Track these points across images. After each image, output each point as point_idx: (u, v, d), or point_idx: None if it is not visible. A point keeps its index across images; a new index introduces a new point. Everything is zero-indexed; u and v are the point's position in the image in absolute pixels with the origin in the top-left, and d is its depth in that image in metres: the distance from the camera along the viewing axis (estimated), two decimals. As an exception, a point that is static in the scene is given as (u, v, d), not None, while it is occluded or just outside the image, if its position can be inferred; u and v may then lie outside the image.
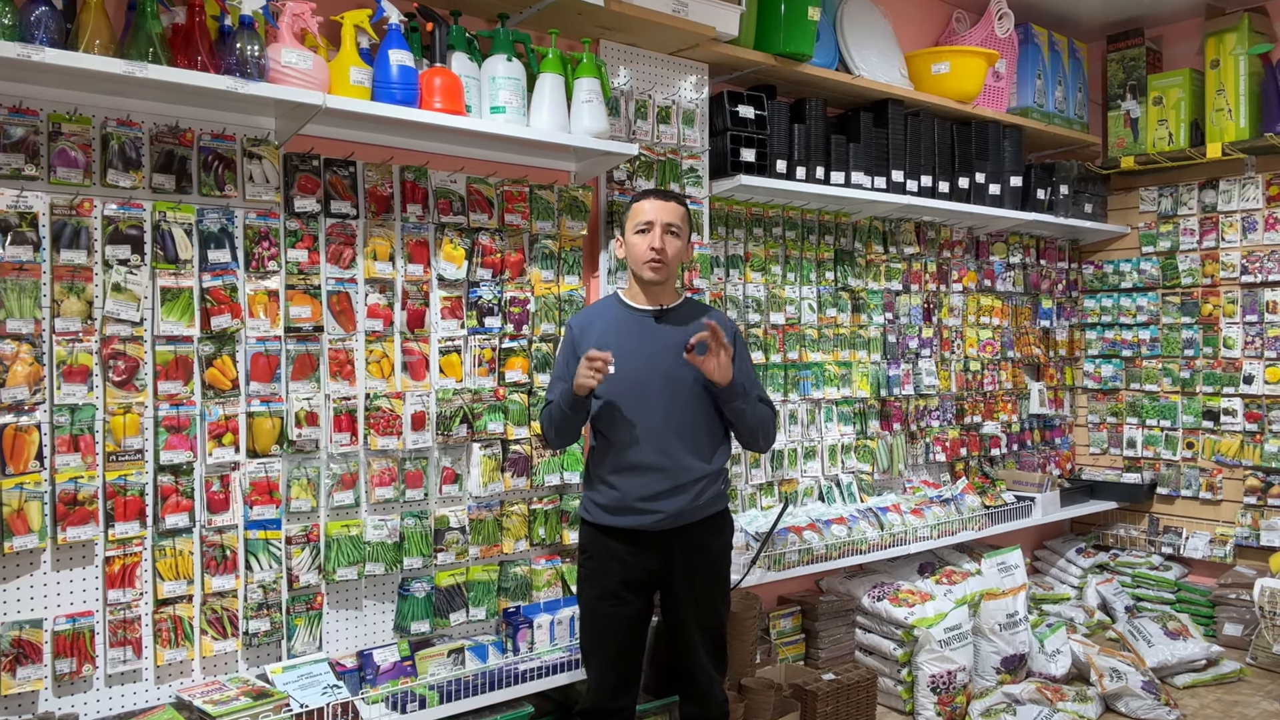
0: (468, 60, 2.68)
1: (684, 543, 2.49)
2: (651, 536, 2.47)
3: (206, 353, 2.41)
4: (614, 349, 2.40)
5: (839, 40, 3.77)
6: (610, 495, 2.48)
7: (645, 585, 2.52)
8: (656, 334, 2.50)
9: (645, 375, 2.46)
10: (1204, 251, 4.62)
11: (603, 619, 2.51)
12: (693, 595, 2.53)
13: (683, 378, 2.46)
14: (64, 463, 2.20)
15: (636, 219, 2.49)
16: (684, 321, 2.55)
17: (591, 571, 2.53)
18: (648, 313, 2.53)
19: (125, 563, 2.29)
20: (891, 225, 4.15)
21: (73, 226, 2.21)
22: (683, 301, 2.61)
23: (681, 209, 2.52)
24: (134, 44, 2.12)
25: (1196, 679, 3.90)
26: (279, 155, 2.53)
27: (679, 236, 2.50)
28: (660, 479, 2.44)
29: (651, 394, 2.45)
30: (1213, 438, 4.58)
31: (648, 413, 2.45)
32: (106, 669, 2.29)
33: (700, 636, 2.55)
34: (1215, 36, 4.41)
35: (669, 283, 2.54)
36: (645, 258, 2.47)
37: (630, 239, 2.51)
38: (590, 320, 2.57)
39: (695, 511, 2.48)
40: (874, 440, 4.05)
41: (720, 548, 2.59)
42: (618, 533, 2.48)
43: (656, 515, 2.44)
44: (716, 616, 2.58)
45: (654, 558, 2.48)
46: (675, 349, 2.46)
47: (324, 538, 2.60)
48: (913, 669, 3.54)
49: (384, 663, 2.63)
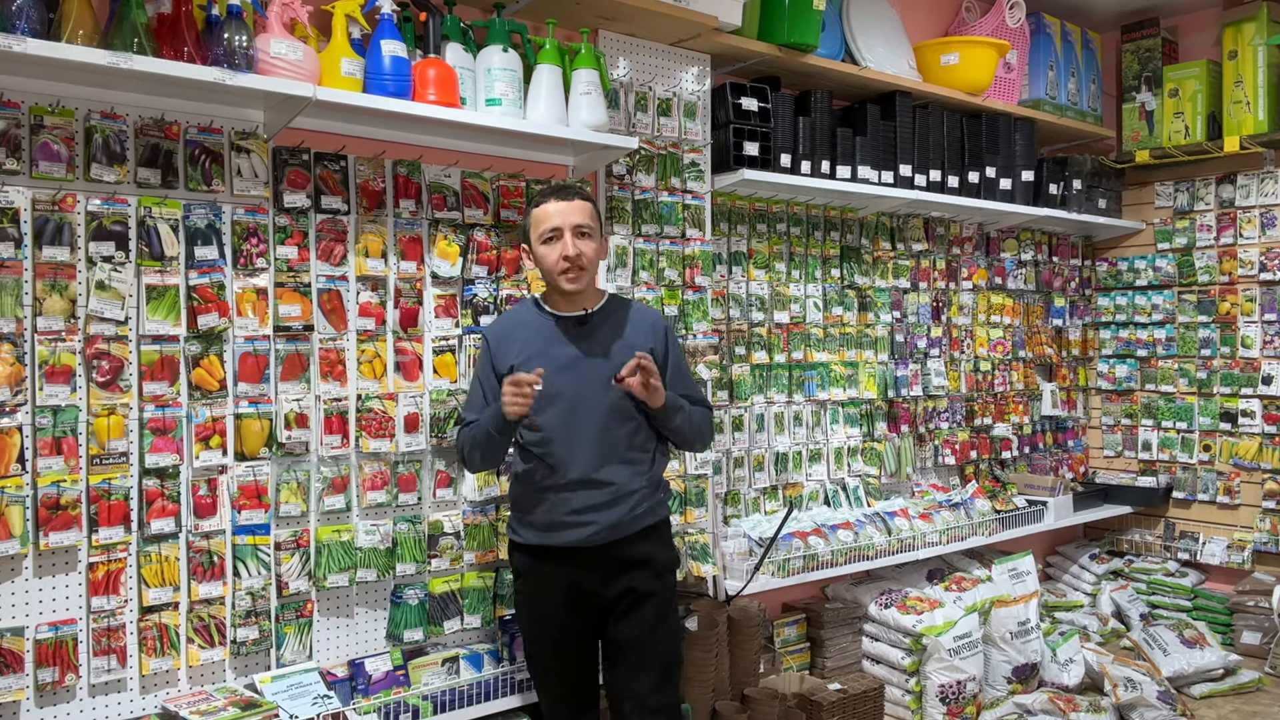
0: (462, 51, 2.68)
1: (623, 558, 2.39)
2: (586, 552, 2.37)
3: (193, 352, 2.41)
4: (537, 361, 2.33)
5: (845, 30, 3.77)
6: (538, 512, 2.40)
7: (584, 606, 2.42)
8: (582, 342, 2.41)
9: (574, 387, 2.37)
10: (1221, 248, 4.62)
11: (545, 649, 2.45)
12: (633, 616, 2.40)
13: (613, 387, 2.36)
14: (46, 466, 2.20)
15: (540, 226, 2.37)
16: (611, 323, 2.46)
17: (526, 598, 2.46)
18: (570, 319, 2.44)
19: (109, 569, 2.29)
20: (899, 221, 4.15)
21: (55, 222, 2.21)
22: (606, 300, 2.51)
23: (588, 205, 2.40)
24: (118, 34, 2.12)
25: (1214, 689, 3.89)
26: (268, 149, 2.53)
27: (591, 236, 2.38)
28: (593, 494, 2.36)
29: (582, 406, 2.36)
30: (1230, 440, 4.58)
31: (578, 426, 2.36)
32: (90, 679, 2.28)
33: (642, 663, 2.41)
34: (1233, 27, 4.41)
35: (590, 286, 2.44)
36: (560, 269, 2.35)
37: (538, 250, 2.39)
38: (507, 330, 2.48)
39: (632, 523, 2.39)
40: (881, 443, 4.05)
41: (663, 562, 2.47)
42: (550, 552, 2.39)
43: (591, 528, 2.35)
44: (662, 638, 2.44)
45: (590, 576, 2.38)
46: (604, 355, 2.40)
47: (314, 543, 2.60)
48: (921, 678, 3.54)
49: (376, 672, 2.63)
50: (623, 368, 2.31)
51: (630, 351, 2.39)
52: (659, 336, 2.52)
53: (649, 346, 2.46)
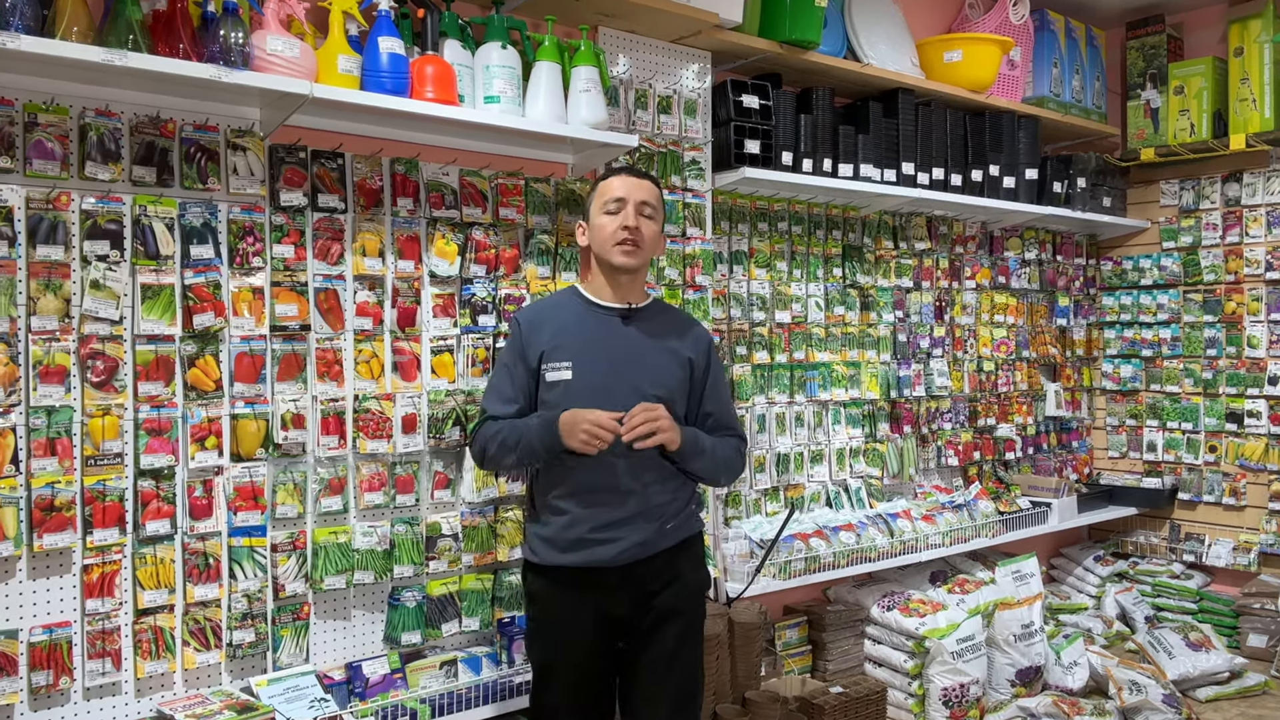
0: (461, 48, 2.68)
1: (651, 579, 2.23)
2: (612, 573, 2.19)
3: (189, 352, 2.41)
4: (572, 353, 2.23)
5: (847, 27, 3.77)
6: (558, 525, 2.23)
7: (606, 635, 2.24)
8: (622, 337, 2.27)
9: (608, 384, 2.20)
10: (1227, 247, 4.62)
11: (557, 680, 2.24)
12: (660, 645, 2.23)
13: (652, 389, 2.23)
14: (40, 467, 2.20)
15: (605, 196, 2.26)
16: (654, 326, 2.33)
17: (541, 623, 2.26)
18: (614, 311, 2.30)
19: (104, 571, 2.29)
20: (902, 220, 4.15)
21: (49, 221, 2.21)
22: (652, 302, 2.41)
23: (657, 190, 2.31)
24: (113, 31, 2.12)
25: (1219, 692, 3.89)
26: (264, 147, 2.53)
27: (654, 220, 2.28)
28: (622, 505, 2.20)
29: (615, 407, 2.16)
30: (1236, 441, 4.58)
31: None
32: (85, 682, 2.28)
33: (659, 691, 2.23)
34: (1239, 23, 4.41)
35: (639, 276, 2.32)
36: (617, 238, 2.21)
37: (597, 220, 2.27)
38: (543, 316, 2.32)
39: (662, 539, 2.24)
40: (883, 443, 4.05)
41: (696, 584, 2.32)
42: (571, 572, 2.21)
43: (618, 545, 2.18)
44: (689, 672, 2.27)
45: (615, 601, 2.21)
46: (643, 355, 2.27)
47: (311, 545, 2.60)
48: (924, 681, 3.54)
49: (373, 675, 2.63)
50: (625, 424, 2.12)
51: (672, 356, 2.29)
52: (701, 348, 2.38)
53: (688, 355, 2.34)
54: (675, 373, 2.31)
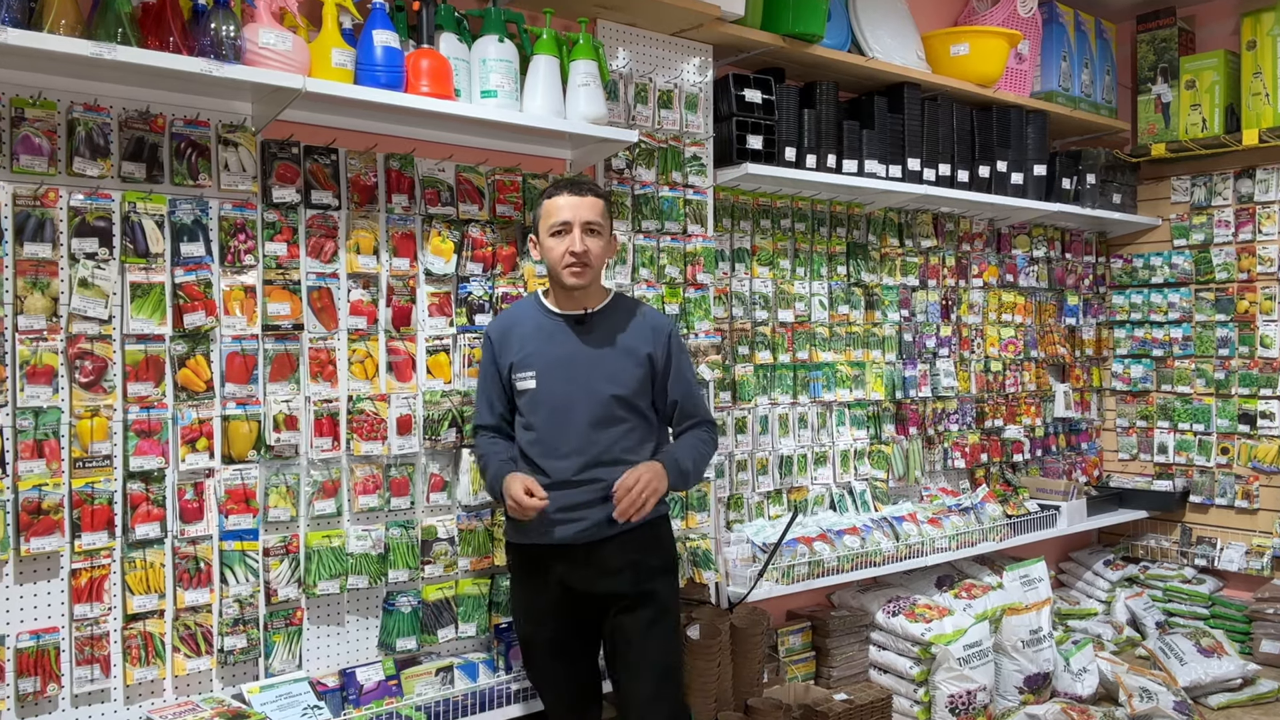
0: (457, 41, 2.68)
1: (615, 556, 2.43)
2: (579, 550, 2.42)
3: (179, 352, 2.41)
4: (533, 358, 2.45)
5: (851, 20, 3.77)
6: None
7: (580, 606, 2.47)
8: (579, 342, 2.47)
9: (567, 388, 2.43)
10: (1240, 244, 4.62)
11: (540, 647, 2.50)
12: (630, 615, 2.44)
13: (609, 389, 2.43)
14: (27, 469, 2.20)
15: (550, 219, 2.42)
16: (611, 327, 2.50)
17: (520, 599, 2.53)
18: (569, 318, 2.49)
19: (92, 575, 2.29)
20: (907, 217, 4.15)
21: (36, 218, 2.21)
22: (610, 300, 2.55)
23: (600, 202, 2.45)
24: (102, 24, 2.12)
25: (1232, 699, 3.90)
26: (256, 142, 2.53)
27: (600, 234, 2.44)
28: (583, 492, 2.40)
29: (575, 408, 2.42)
30: (1249, 443, 4.58)
31: (571, 428, 2.42)
32: (73, 689, 2.28)
33: (639, 665, 2.45)
34: (1252, 16, 4.41)
35: (594, 284, 2.50)
36: (564, 263, 2.40)
37: (545, 241, 2.44)
38: (508, 326, 2.54)
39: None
40: (889, 445, 4.05)
41: (659, 563, 2.51)
42: (543, 551, 2.45)
43: (579, 524, 2.40)
44: (660, 639, 2.47)
45: (583, 576, 2.43)
46: (600, 357, 2.45)
47: (304, 549, 2.60)
48: (930, 688, 3.54)
49: (368, 682, 2.63)
50: (614, 509, 2.33)
51: (629, 356, 2.46)
52: (660, 341, 2.53)
53: (646, 351, 2.50)
54: (634, 372, 2.47)
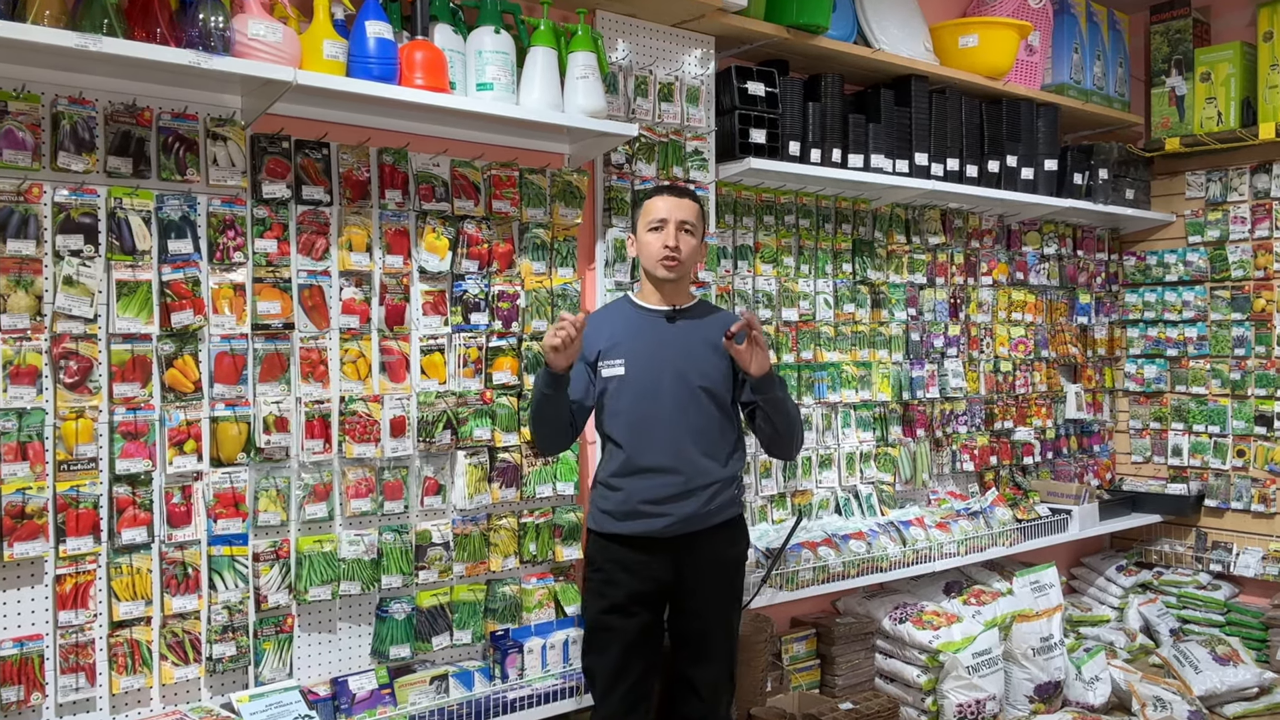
0: (452, 32, 2.68)
1: (696, 551, 2.58)
2: (661, 544, 2.55)
3: (166, 352, 2.41)
4: (625, 351, 2.58)
5: (857, 10, 3.77)
6: (616, 499, 2.57)
7: (654, 598, 2.60)
8: (668, 334, 2.62)
9: (657, 376, 2.57)
10: (1256, 241, 4.62)
11: (609, 634, 2.57)
12: (703, 609, 2.61)
13: (697, 379, 2.58)
14: (10, 472, 2.20)
15: (649, 216, 2.62)
16: (697, 323, 2.66)
17: (598, 584, 2.61)
18: (659, 313, 2.65)
19: (77, 581, 2.29)
20: (915, 213, 4.15)
21: (20, 214, 2.21)
22: (697, 303, 2.73)
23: (696, 206, 2.65)
24: (87, 15, 2.12)
25: (1248, 709, 3.90)
26: (245, 136, 2.53)
27: (693, 235, 2.63)
28: (670, 482, 2.53)
29: (663, 395, 2.56)
30: (1266, 445, 4.58)
31: (659, 414, 2.55)
32: (57, 698, 2.28)
33: (708, 655, 2.63)
34: (1269, 7, 4.41)
35: (683, 282, 2.67)
36: (659, 255, 2.58)
37: (643, 237, 2.64)
38: (600, 320, 2.69)
39: (707, 517, 2.57)
40: (895, 448, 4.05)
41: (734, 558, 2.69)
42: (625, 540, 2.56)
43: (665, 519, 2.53)
44: (728, 633, 2.68)
45: (664, 567, 2.56)
46: (688, 349, 2.60)
47: (295, 554, 2.60)
48: (938, 698, 3.54)
49: (360, 691, 2.63)
50: (733, 325, 2.49)
51: (711, 349, 2.61)
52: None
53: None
54: (718, 364, 2.62)
